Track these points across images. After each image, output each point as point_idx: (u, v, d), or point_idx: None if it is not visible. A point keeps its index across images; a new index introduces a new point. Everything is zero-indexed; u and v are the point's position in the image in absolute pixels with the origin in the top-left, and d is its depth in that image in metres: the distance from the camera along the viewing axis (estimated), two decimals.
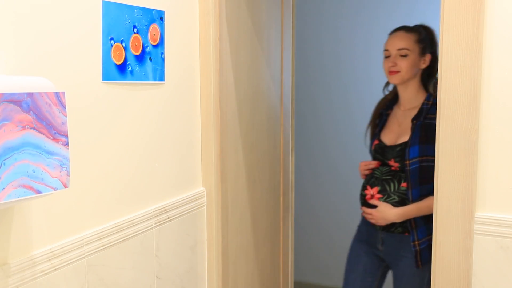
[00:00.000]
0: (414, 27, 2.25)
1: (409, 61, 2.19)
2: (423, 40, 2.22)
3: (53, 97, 1.14)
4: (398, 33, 2.25)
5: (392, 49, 2.22)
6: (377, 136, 2.36)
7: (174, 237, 1.84)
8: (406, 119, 2.28)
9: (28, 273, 1.26)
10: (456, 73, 1.54)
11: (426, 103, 2.21)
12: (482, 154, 1.55)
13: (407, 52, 2.18)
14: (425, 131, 2.16)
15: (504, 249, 1.54)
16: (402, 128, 2.28)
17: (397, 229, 2.25)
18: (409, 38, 2.20)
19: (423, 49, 2.22)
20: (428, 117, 2.17)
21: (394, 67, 2.20)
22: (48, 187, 1.12)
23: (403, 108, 2.32)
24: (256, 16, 2.24)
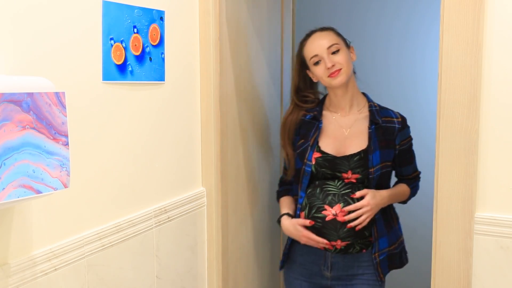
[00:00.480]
0: (322, 27, 2.06)
1: (343, 54, 1.97)
2: (340, 34, 2.05)
3: (53, 97, 1.14)
4: (315, 35, 2.02)
5: (321, 51, 1.96)
6: (315, 148, 2.00)
7: (174, 237, 1.84)
8: (354, 125, 2.03)
9: (28, 273, 1.26)
10: (456, 73, 1.54)
11: (373, 105, 2.05)
12: (482, 154, 1.55)
13: (338, 46, 1.96)
14: (383, 135, 1.99)
15: (504, 249, 1.54)
16: (349, 135, 2.01)
17: (355, 248, 1.97)
18: (329, 34, 2.00)
19: (345, 42, 2.04)
20: (383, 120, 2.00)
21: (334, 67, 1.93)
22: (48, 187, 1.12)
23: (343, 113, 2.06)
24: (256, 16, 2.24)
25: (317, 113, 2.06)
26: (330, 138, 2.03)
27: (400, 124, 2.03)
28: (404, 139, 2.06)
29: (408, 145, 2.09)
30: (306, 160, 2.00)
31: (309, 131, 2.05)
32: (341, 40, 2.00)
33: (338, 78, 1.94)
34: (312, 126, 2.05)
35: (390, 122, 2.01)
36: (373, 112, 2.02)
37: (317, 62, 1.97)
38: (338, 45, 1.96)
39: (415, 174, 2.20)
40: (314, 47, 1.98)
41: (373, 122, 1.99)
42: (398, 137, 2.02)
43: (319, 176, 1.99)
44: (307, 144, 2.02)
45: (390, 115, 2.04)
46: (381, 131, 1.99)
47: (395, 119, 2.03)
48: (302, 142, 2.05)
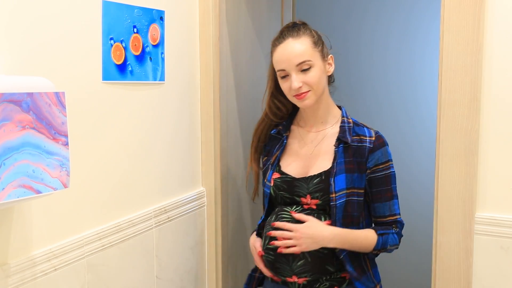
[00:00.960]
0: (297, 26, 1.68)
1: (316, 71, 1.62)
2: (318, 40, 1.67)
3: (53, 97, 1.14)
4: (287, 43, 1.64)
5: (288, 66, 1.62)
6: (275, 168, 1.72)
7: (174, 237, 1.84)
8: (322, 142, 1.71)
9: (28, 273, 1.26)
10: (457, 73, 1.54)
11: (346, 120, 1.71)
12: (483, 154, 1.55)
13: (310, 63, 1.61)
14: (353, 156, 1.65)
15: (505, 249, 1.54)
16: (314, 154, 1.70)
17: (323, 284, 1.65)
18: (304, 45, 1.62)
19: (323, 51, 1.67)
20: (353, 139, 1.66)
21: (300, 89, 1.61)
22: (48, 187, 1.12)
23: (312, 129, 1.74)
24: (256, 16, 2.24)
25: (283, 128, 1.77)
26: (292, 156, 1.74)
27: (372, 144, 1.65)
28: (379, 164, 1.65)
29: (383, 174, 1.66)
30: (266, 180, 1.74)
31: (273, 147, 1.78)
32: (316, 52, 1.64)
33: (304, 101, 1.63)
34: (277, 142, 1.77)
35: (361, 141, 1.66)
36: (344, 129, 1.68)
37: (284, 77, 1.65)
38: (311, 62, 1.61)
39: (392, 219, 1.70)
40: (282, 60, 1.63)
41: (340, 140, 1.66)
42: (370, 159, 1.65)
43: (278, 200, 1.70)
44: (269, 163, 1.76)
45: (363, 133, 1.68)
46: (351, 152, 1.65)
47: (368, 137, 1.66)
48: (266, 159, 1.79)
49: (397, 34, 3.31)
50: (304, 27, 1.67)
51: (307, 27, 1.68)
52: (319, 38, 1.68)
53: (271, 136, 1.80)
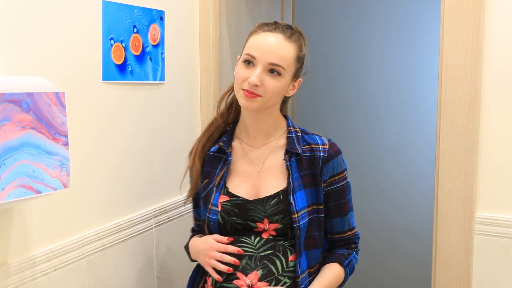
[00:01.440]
0: (293, 31, 1.46)
1: (279, 83, 1.40)
2: (302, 57, 1.46)
3: (53, 97, 1.14)
4: (274, 36, 1.42)
5: (261, 59, 1.38)
6: (222, 190, 1.45)
7: (174, 237, 1.84)
8: (269, 158, 1.48)
9: (28, 273, 1.26)
10: (456, 73, 1.54)
11: (293, 130, 1.50)
12: (483, 154, 1.55)
13: (282, 71, 1.39)
14: (308, 169, 1.46)
15: (505, 249, 1.54)
16: (263, 172, 1.47)
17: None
18: (289, 51, 1.41)
19: (298, 71, 1.46)
20: (304, 149, 1.46)
21: (255, 88, 1.38)
22: (48, 187, 1.12)
23: (256, 143, 1.50)
24: (256, 16, 2.24)
25: (224, 144, 1.50)
26: (239, 176, 1.48)
27: (326, 152, 1.46)
28: (335, 175, 1.47)
29: (340, 186, 1.48)
30: (211, 205, 1.45)
31: (214, 168, 1.50)
32: (293, 67, 1.43)
33: (249, 102, 1.39)
34: (218, 161, 1.50)
35: (313, 150, 1.47)
36: (292, 139, 1.47)
37: (248, 62, 1.41)
38: (283, 71, 1.40)
39: (351, 234, 1.53)
40: (260, 48, 1.40)
41: (290, 152, 1.46)
42: (325, 171, 1.46)
43: (228, 228, 1.43)
44: (212, 185, 1.48)
45: (315, 141, 1.48)
46: (305, 164, 1.46)
47: (321, 145, 1.47)
48: (206, 182, 1.50)
49: (395, 33, 3.31)
50: (299, 36, 1.47)
51: (301, 38, 1.48)
52: (303, 56, 1.47)
53: (209, 156, 1.51)
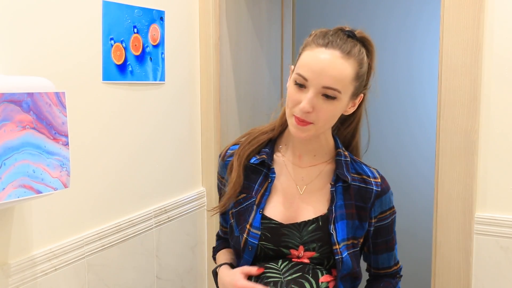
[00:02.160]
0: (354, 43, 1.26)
1: (334, 108, 1.23)
2: (364, 74, 1.28)
3: (53, 97, 1.14)
4: (329, 54, 1.22)
5: (314, 81, 1.20)
6: (258, 209, 1.32)
7: (174, 237, 1.84)
8: (315, 180, 1.35)
9: (28, 273, 1.26)
10: (456, 73, 1.54)
11: (342, 153, 1.35)
12: (482, 154, 1.55)
13: (337, 94, 1.21)
14: (354, 199, 1.32)
15: (504, 249, 1.54)
16: (305, 195, 1.33)
17: None
18: (345, 70, 1.22)
19: (358, 89, 1.28)
20: (353, 177, 1.33)
21: (307, 115, 1.22)
22: (48, 187, 1.12)
23: (302, 162, 1.35)
24: (256, 16, 2.24)
25: (267, 157, 1.35)
26: (277, 195, 1.34)
27: (380, 187, 1.33)
28: (385, 210, 1.35)
29: (389, 221, 1.36)
30: (250, 227, 1.30)
31: (253, 182, 1.35)
32: (352, 86, 1.25)
33: (301, 131, 1.25)
34: (258, 175, 1.36)
35: (365, 181, 1.34)
36: (341, 163, 1.33)
37: (300, 85, 1.23)
38: (339, 94, 1.21)
39: (396, 268, 1.46)
40: (313, 69, 1.21)
41: (339, 178, 1.32)
42: (376, 206, 1.33)
43: (258, 253, 1.31)
44: (251, 202, 1.33)
45: (365, 172, 1.35)
46: (352, 193, 1.32)
47: (372, 178, 1.34)
48: (243, 197, 1.35)
49: (395, 33, 3.31)
50: (361, 47, 1.27)
51: (364, 49, 1.28)
52: (365, 70, 1.29)
53: (249, 167, 1.36)
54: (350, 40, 1.25)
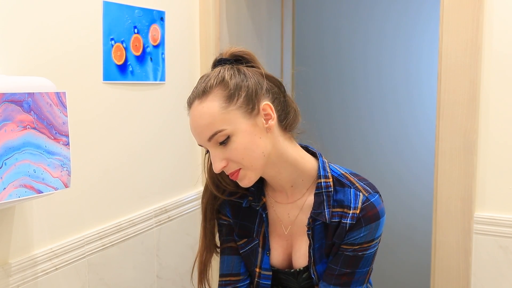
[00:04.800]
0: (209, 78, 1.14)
1: (239, 141, 1.09)
2: (236, 88, 1.10)
3: (54, 97, 1.14)
4: (192, 110, 1.14)
5: (203, 143, 1.12)
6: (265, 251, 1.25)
7: (175, 236, 1.85)
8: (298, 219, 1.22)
9: (29, 272, 1.27)
10: (456, 73, 1.54)
11: (324, 182, 1.17)
12: (482, 154, 1.55)
13: (224, 133, 1.08)
14: (333, 238, 1.17)
15: (504, 248, 1.54)
16: (293, 237, 1.24)
17: None
18: (210, 109, 1.09)
19: (248, 103, 1.10)
20: (335, 213, 1.16)
21: (227, 169, 1.12)
22: (49, 187, 1.13)
23: (282, 198, 1.23)
24: (256, 16, 2.24)
25: (254, 197, 1.23)
26: (272, 237, 1.25)
27: (354, 220, 1.14)
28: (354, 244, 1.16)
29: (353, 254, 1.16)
30: (259, 269, 1.23)
31: (251, 222, 1.25)
32: (231, 112, 1.09)
33: (242, 181, 1.13)
34: (254, 215, 1.25)
35: (343, 216, 1.16)
36: (320, 198, 1.17)
37: (206, 151, 1.17)
38: (225, 130, 1.08)
39: None
40: (194, 134, 1.14)
41: (314, 218, 1.17)
42: (346, 238, 1.16)
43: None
44: (255, 244, 1.24)
45: (347, 201, 1.16)
46: (331, 231, 1.17)
47: (352, 210, 1.15)
48: (245, 242, 1.26)
49: (395, 33, 3.31)
50: (219, 74, 1.12)
51: (223, 77, 1.12)
52: (241, 82, 1.11)
53: (240, 207, 1.26)
54: (211, 74, 1.14)
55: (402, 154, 3.33)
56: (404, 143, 3.33)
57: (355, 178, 1.19)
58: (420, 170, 3.23)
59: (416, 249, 3.23)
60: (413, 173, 3.30)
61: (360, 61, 3.43)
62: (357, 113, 3.45)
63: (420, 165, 3.24)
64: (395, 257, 3.34)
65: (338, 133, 3.48)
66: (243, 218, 1.26)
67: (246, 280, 1.28)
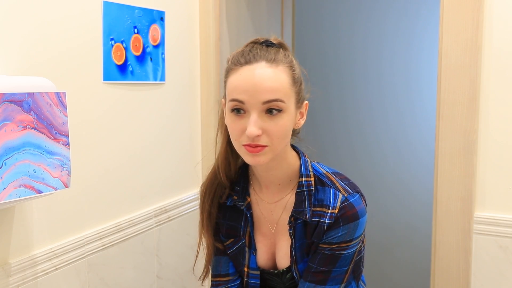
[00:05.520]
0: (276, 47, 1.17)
1: (285, 121, 1.09)
2: (299, 76, 1.15)
3: (54, 97, 1.14)
4: (256, 67, 1.09)
5: (253, 101, 1.07)
6: (251, 251, 1.26)
7: (175, 236, 1.85)
8: (281, 217, 1.22)
9: (29, 272, 1.27)
10: (456, 73, 1.54)
11: (305, 182, 1.18)
12: (481, 154, 1.55)
13: (282, 105, 1.08)
14: (311, 237, 1.18)
15: (503, 248, 1.54)
16: (279, 236, 1.24)
17: None
18: (281, 77, 1.09)
19: (300, 93, 1.14)
20: (315, 213, 1.16)
21: (258, 139, 1.07)
22: (49, 187, 1.13)
23: (268, 196, 1.23)
24: (256, 16, 2.24)
25: (239, 197, 1.24)
26: (257, 236, 1.25)
27: (333, 219, 1.14)
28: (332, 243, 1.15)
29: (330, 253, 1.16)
30: (247, 269, 1.25)
31: (235, 221, 1.26)
32: (293, 93, 1.11)
33: (258, 157, 1.09)
34: (239, 214, 1.25)
35: (321, 214, 1.16)
36: (301, 198, 1.17)
37: (237, 111, 1.09)
38: (285, 104, 1.08)
39: None
40: (245, 88, 1.07)
41: (295, 216, 1.18)
42: (325, 237, 1.16)
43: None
44: (242, 244, 1.25)
45: (327, 201, 1.16)
46: (309, 231, 1.18)
47: (330, 209, 1.15)
48: (232, 242, 1.27)
49: (395, 34, 3.31)
50: (284, 50, 1.16)
51: (288, 53, 1.16)
52: (299, 73, 1.16)
53: (225, 206, 1.26)
54: (270, 48, 1.15)
55: (402, 154, 3.33)
56: (404, 143, 3.33)
57: (337, 177, 1.20)
58: (420, 170, 3.23)
59: (415, 249, 3.23)
60: (413, 173, 3.30)
61: (360, 60, 3.43)
62: (356, 113, 3.45)
63: (420, 165, 3.24)
64: (395, 258, 3.35)
65: (337, 133, 3.48)
66: (229, 218, 1.27)
67: (237, 280, 1.29)
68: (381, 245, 3.37)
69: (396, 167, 3.34)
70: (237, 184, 1.25)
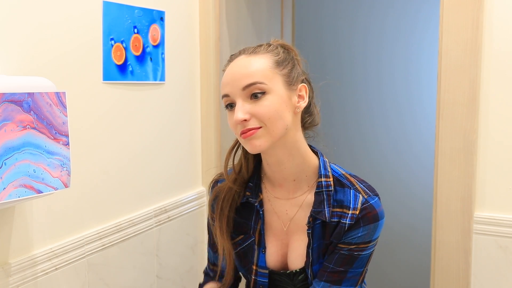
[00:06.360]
0: (260, 45, 1.19)
1: (271, 101, 1.10)
2: (285, 60, 1.16)
3: (53, 97, 1.14)
4: (238, 60, 1.16)
5: (233, 90, 1.12)
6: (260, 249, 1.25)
7: (175, 236, 1.85)
8: (297, 215, 1.22)
9: (28, 272, 1.27)
10: (455, 73, 1.55)
11: (325, 182, 1.18)
12: (481, 154, 1.55)
13: (263, 86, 1.10)
14: (330, 237, 1.18)
15: (503, 248, 1.54)
16: (291, 235, 1.24)
17: None
18: (258, 62, 1.13)
19: (290, 75, 1.15)
20: (334, 213, 1.17)
21: (246, 123, 1.11)
22: (48, 187, 1.13)
23: (282, 193, 1.23)
24: (256, 16, 2.24)
25: (252, 193, 1.24)
26: (269, 235, 1.25)
27: (354, 220, 1.16)
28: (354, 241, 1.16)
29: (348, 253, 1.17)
30: (256, 267, 1.24)
31: (247, 219, 1.26)
32: (277, 74, 1.13)
33: (252, 141, 1.11)
34: (251, 211, 1.25)
35: (342, 216, 1.17)
36: (321, 197, 1.17)
37: (230, 106, 1.15)
38: (264, 85, 1.10)
39: None
40: (227, 81, 1.14)
41: (314, 216, 1.17)
42: (344, 237, 1.17)
43: None
44: (251, 241, 1.25)
45: (347, 201, 1.17)
46: (328, 231, 1.18)
47: (351, 210, 1.16)
48: (242, 238, 1.26)
49: (396, 34, 3.32)
50: (270, 46, 1.19)
51: (276, 47, 1.19)
52: (290, 59, 1.18)
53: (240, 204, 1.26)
54: (256, 46, 1.18)
55: (402, 154, 3.33)
56: (404, 143, 3.33)
57: (355, 179, 1.21)
58: (420, 170, 3.23)
59: (415, 249, 3.23)
60: (413, 173, 3.30)
61: (360, 60, 3.43)
62: (356, 113, 3.45)
63: (420, 165, 3.24)
64: (395, 257, 3.35)
65: (337, 133, 3.48)
66: (240, 214, 1.27)
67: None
68: (381, 245, 3.36)
69: (396, 167, 3.34)
70: (250, 180, 1.26)
